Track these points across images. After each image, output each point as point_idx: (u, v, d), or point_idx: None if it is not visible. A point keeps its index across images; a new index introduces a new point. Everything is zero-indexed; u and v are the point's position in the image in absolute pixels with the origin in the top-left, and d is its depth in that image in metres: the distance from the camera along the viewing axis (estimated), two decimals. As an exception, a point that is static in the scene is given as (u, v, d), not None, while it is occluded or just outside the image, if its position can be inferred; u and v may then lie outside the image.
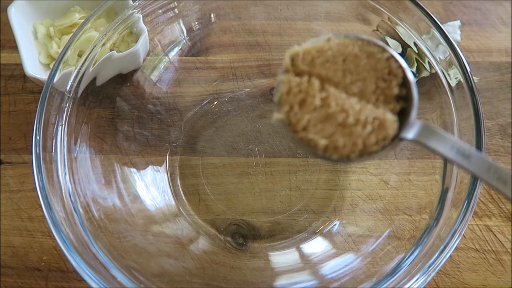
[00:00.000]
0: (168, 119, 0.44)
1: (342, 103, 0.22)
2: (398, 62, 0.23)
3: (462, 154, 0.21)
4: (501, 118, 0.45)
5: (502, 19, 0.50)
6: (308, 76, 0.23)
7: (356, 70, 0.23)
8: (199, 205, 0.41)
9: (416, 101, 0.23)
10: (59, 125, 0.34)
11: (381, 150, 0.23)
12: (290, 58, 0.24)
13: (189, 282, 0.36)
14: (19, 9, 0.44)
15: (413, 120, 0.23)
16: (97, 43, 0.37)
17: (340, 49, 0.24)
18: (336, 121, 0.22)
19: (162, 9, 0.41)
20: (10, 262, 0.40)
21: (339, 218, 0.40)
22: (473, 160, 0.21)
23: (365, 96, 0.23)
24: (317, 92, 0.23)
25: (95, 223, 0.34)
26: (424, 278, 0.29)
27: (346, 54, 0.23)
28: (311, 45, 0.24)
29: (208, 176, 0.42)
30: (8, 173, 0.43)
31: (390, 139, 0.23)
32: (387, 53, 0.23)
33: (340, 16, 0.41)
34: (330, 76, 0.23)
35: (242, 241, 0.40)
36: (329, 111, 0.22)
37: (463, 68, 0.33)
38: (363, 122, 0.22)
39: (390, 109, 0.23)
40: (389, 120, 0.22)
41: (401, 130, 0.23)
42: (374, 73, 0.23)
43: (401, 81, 0.23)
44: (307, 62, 0.23)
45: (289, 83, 0.23)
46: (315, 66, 0.23)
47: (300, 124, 0.23)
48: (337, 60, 0.23)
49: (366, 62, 0.23)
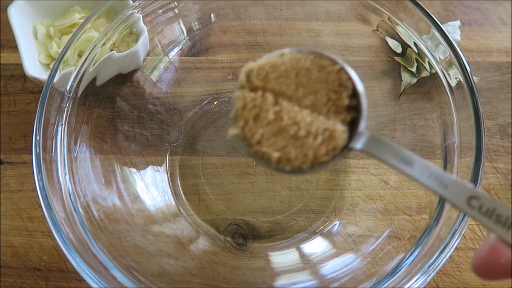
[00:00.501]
0: (168, 119, 0.44)
1: (294, 116, 0.24)
2: (348, 74, 0.24)
3: (405, 161, 0.22)
4: (501, 118, 0.45)
5: (502, 19, 0.50)
6: (262, 91, 0.24)
7: (308, 83, 0.24)
8: (199, 205, 0.41)
9: (365, 112, 0.24)
10: (59, 125, 0.34)
11: (331, 160, 0.24)
12: (245, 75, 0.25)
13: (189, 282, 0.36)
14: (19, 9, 0.44)
15: (361, 131, 0.24)
16: (97, 43, 0.37)
17: (292, 63, 0.24)
18: (288, 134, 0.24)
19: (162, 9, 0.41)
20: (10, 262, 0.40)
21: (339, 218, 0.40)
22: (415, 167, 0.22)
23: (317, 108, 0.24)
24: (271, 106, 0.24)
25: (95, 223, 0.34)
26: (424, 278, 0.29)
27: (299, 68, 0.24)
28: (265, 61, 0.25)
29: (208, 176, 0.42)
30: (8, 173, 0.43)
31: (340, 149, 0.24)
32: (337, 66, 0.24)
33: (340, 16, 0.41)
34: (283, 90, 0.24)
35: (242, 241, 0.39)
36: (282, 125, 0.24)
37: (463, 68, 0.33)
38: (314, 133, 0.23)
39: (341, 119, 0.24)
40: (338, 131, 0.23)
41: (351, 140, 0.24)
42: (325, 85, 0.24)
43: (352, 92, 0.24)
44: (261, 78, 0.24)
45: (244, 98, 0.24)
46: (269, 81, 0.24)
47: (254, 138, 0.24)
48: (289, 75, 0.24)
49: (318, 75, 0.24)
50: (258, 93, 0.24)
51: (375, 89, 0.43)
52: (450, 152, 0.35)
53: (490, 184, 0.42)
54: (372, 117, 0.42)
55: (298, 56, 0.25)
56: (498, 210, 0.20)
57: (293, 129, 0.23)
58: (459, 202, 0.21)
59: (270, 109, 0.24)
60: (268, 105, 0.24)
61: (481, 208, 0.21)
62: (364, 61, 0.43)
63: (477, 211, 0.21)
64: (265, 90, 0.24)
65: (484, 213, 0.20)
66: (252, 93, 0.24)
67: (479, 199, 0.21)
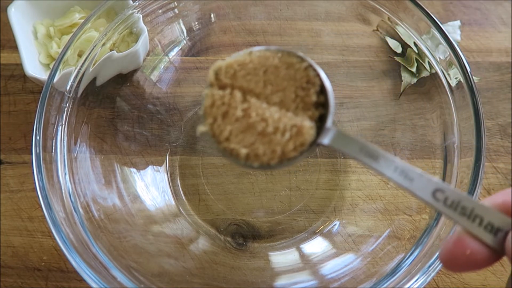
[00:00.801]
0: (168, 119, 0.44)
1: (263, 113, 0.24)
2: (316, 71, 0.25)
3: (371, 156, 0.23)
4: (501, 118, 0.45)
5: (502, 19, 0.50)
6: (230, 89, 0.25)
7: (277, 81, 0.25)
8: (199, 205, 0.41)
9: (332, 108, 0.25)
10: (59, 125, 0.34)
11: (299, 155, 0.24)
12: (214, 73, 0.25)
13: (189, 282, 0.36)
14: (19, 9, 0.44)
15: (329, 127, 0.24)
16: (97, 43, 0.37)
17: (261, 61, 0.25)
18: (256, 130, 0.24)
19: (162, 9, 0.41)
20: (10, 262, 0.40)
21: (339, 218, 0.40)
22: (380, 161, 0.22)
23: (285, 104, 0.24)
24: (239, 103, 0.24)
25: (95, 223, 0.34)
26: (424, 278, 0.29)
27: (267, 66, 0.25)
28: (234, 59, 0.25)
29: (208, 176, 0.42)
30: (8, 173, 0.43)
31: (308, 144, 0.24)
32: (305, 63, 0.25)
33: (340, 16, 0.41)
34: (252, 87, 0.25)
35: (242, 241, 0.40)
36: (250, 121, 0.24)
37: (463, 68, 0.33)
38: (282, 130, 0.24)
39: (309, 116, 0.24)
40: (306, 127, 0.24)
41: (319, 136, 0.24)
42: (293, 82, 0.25)
43: (319, 89, 0.25)
44: (230, 76, 0.25)
45: (213, 96, 0.25)
46: (237, 79, 0.25)
47: (223, 135, 0.24)
48: (258, 72, 0.25)
49: (286, 72, 0.25)
50: (227, 91, 0.25)
51: (375, 89, 0.43)
52: (450, 152, 0.35)
53: (490, 184, 0.42)
54: (372, 117, 0.42)
55: (266, 54, 0.25)
56: (462, 203, 0.20)
57: (261, 126, 0.24)
58: (424, 195, 0.21)
59: (238, 106, 0.24)
60: (236, 103, 0.24)
61: (446, 200, 0.21)
62: (364, 61, 0.43)
63: (442, 204, 0.21)
64: (233, 88, 0.25)
65: (449, 206, 0.21)
66: (221, 91, 0.25)
67: (444, 192, 0.21)
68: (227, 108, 0.25)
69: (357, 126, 0.43)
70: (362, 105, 0.43)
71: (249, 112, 0.24)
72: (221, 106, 0.25)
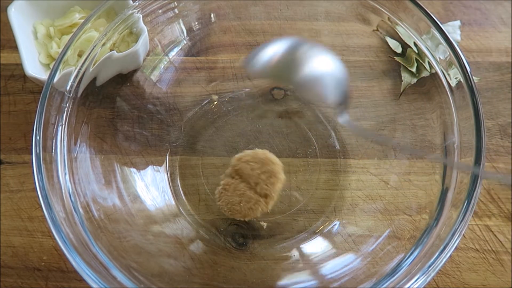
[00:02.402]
0: (168, 119, 0.44)
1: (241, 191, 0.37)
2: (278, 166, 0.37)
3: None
4: (501, 118, 0.45)
5: (502, 19, 0.50)
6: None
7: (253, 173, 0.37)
8: (199, 205, 0.41)
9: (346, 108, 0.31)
10: (59, 125, 0.34)
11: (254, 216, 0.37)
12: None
13: (189, 282, 0.36)
14: (19, 9, 0.44)
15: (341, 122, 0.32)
16: (97, 43, 0.37)
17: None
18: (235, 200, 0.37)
19: (162, 9, 0.41)
20: (10, 262, 0.40)
21: (339, 218, 0.40)
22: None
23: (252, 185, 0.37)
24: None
25: (95, 223, 0.34)
26: (424, 278, 0.29)
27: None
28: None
29: (208, 176, 0.42)
30: (8, 173, 0.43)
31: (259, 212, 0.37)
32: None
33: (340, 16, 0.41)
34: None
35: (242, 241, 0.40)
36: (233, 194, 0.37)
37: (463, 68, 0.33)
38: (247, 201, 0.37)
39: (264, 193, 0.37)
40: (260, 203, 0.36)
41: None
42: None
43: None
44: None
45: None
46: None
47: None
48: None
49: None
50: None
51: (375, 89, 0.43)
52: (450, 152, 0.35)
53: (490, 184, 0.42)
54: (372, 117, 0.42)
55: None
56: None
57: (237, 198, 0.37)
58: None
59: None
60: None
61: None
62: (364, 61, 0.43)
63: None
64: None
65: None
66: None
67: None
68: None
69: (357, 126, 0.43)
70: (362, 105, 0.43)
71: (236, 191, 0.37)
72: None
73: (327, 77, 0.30)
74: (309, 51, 0.30)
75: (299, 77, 0.29)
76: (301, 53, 0.30)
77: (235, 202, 0.37)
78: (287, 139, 0.44)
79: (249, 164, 0.37)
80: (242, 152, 0.38)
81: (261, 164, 0.36)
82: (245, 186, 0.37)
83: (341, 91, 0.29)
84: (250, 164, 0.36)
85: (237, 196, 0.37)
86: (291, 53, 0.30)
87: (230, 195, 0.37)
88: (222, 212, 0.38)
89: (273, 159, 0.37)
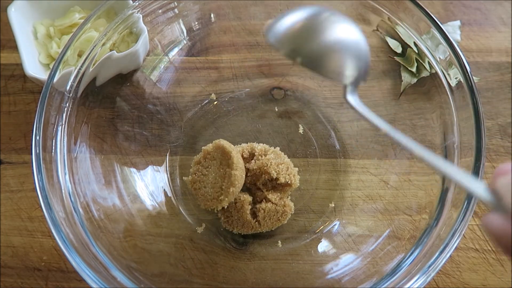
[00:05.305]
0: (168, 119, 0.44)
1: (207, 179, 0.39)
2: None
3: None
4: (501, 118, 0.45)
5: (502, 19, 0.50)
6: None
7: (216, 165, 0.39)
8: (199, 205, 0.41)
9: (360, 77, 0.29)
10: (59, 125, 0.34)
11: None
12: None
13: (189, 282, 0.36)
14: (19, 9, 0.44)
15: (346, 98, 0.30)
16: (97, 43, 0.37)
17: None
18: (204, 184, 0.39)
19: (162, 9, 0.41)
20: (10, 262, 0.40)
21: (339, 218, 0.40)
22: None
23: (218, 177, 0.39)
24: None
25: (95, 223, 0.34)
26: (424, 278, 0.29)
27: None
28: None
29: (208, 176, 0.42)
30: (8, 173, 0.43)
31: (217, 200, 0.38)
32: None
33: (340, 16, 0.41)
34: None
35: (242, 241, 0.40)
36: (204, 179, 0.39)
37: (463, 68, 0.33)
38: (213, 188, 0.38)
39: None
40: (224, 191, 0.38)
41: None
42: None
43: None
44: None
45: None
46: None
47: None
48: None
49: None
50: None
51: (375, 89, 0.43)
52: (450, 152, 0.35)
53: (490, 184, 0.42)
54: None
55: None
56: None
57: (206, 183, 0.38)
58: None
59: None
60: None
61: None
62: (364, 61, 0.43)
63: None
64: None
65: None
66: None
67: None
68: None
69: (357, 126, 0.43)
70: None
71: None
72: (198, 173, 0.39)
73: (349, 46, 0.27)
74: (331, 18, 0.27)
75: (319, 45, 0.26)
76: (322, 19, 0.27)
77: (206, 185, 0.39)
78: (287, 139, 0.44)
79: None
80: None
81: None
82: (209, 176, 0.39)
83: (362, 63, 0.28)
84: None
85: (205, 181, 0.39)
86: (313, 19, 0.27)
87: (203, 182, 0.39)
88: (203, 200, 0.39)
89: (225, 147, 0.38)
